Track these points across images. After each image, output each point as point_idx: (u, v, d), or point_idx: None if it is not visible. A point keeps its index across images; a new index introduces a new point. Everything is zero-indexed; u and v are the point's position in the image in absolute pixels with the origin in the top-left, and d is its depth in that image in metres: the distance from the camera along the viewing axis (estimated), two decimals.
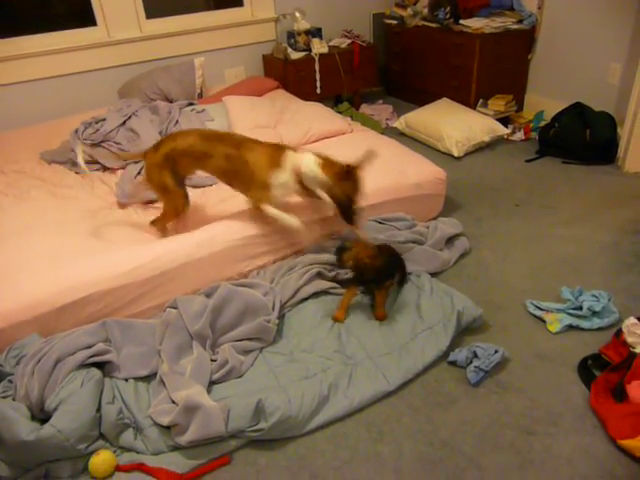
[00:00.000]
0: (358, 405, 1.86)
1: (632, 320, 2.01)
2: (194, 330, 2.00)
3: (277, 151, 2.24)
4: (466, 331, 2.17)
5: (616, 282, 2.42)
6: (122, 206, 2.64)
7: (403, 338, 2.10)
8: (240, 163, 2.23)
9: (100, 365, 1.90)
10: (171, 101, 3.68)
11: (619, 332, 2.03)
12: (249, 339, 2.07)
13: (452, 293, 2.25)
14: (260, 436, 1.74)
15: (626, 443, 1.64)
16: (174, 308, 2.09)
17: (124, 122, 3.11)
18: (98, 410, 1.74)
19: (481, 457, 1.69)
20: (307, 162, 2.19)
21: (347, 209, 2.25)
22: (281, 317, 2.20)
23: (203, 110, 3.34)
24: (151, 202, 2.65)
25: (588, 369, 1.96)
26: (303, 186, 2.25)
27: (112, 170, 2.95)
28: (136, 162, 2.82)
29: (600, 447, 1.69)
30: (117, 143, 3.01)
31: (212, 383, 1.92)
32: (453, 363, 2.03)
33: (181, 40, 4.08)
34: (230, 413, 1.74)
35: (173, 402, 1.78)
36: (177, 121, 3.19)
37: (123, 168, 2.91)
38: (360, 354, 2.04)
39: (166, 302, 2.20)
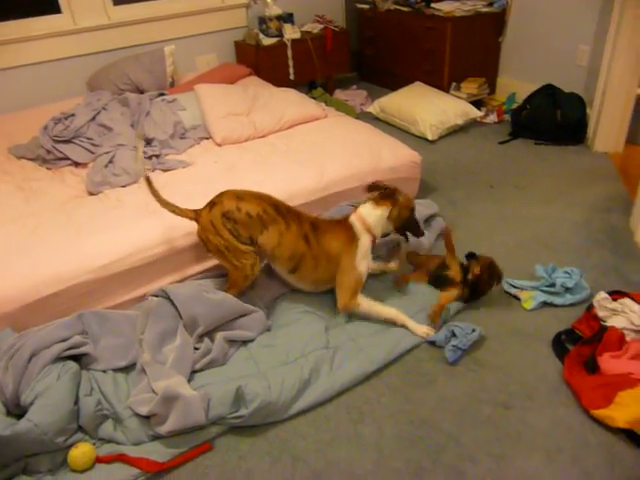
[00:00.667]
0: (340, 388, 1.87)
1: (602, 295, 2.06)
2: (189, 314, 1.98)
3: (345, 223, 2.13)
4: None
5: (588, 259, 2.47)
6: (91, 194, 2.60)
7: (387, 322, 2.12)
8: (318, 246, 2.07)
9: (77, 358, 1.88)
10: (142, 92, 3.62)
11: (590, 307, 2.09)
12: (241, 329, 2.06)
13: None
14: (241, 423, 1.75)
15: (598, 413, 1.69)
16: (156, 296, 2.08)
17: (94, 117, 3.05)
18: (76, 403, 1.72)
19: (460, 433, 1.72)
20: (368, 213, 2.12)
21: (412, 223, 2.20)
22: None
23: (174, 100, 3.29)
24: (124, 186, 2.60)
25: (562, 344, 2.00)
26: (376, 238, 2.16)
27: (83, 165, 2.89)
28: (107, 152, 2.77)
29: (574, 418, 1.74)
30: (89, 139, 2.94)
31: (193, 372, 1.92)
32: (432, 343, 2.05)
33: (150, 27, 4.00)
34: (210, 401, 1.74)
35: (153, 392, 1.77)
36: (148, 112, 3.13)
37: (94, 161, 2.86)
38: (342, 337, 2.06)
39: (144, 294, 2.18)
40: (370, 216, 2.11)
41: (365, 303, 2.10)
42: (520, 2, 4.02)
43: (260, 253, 2.11)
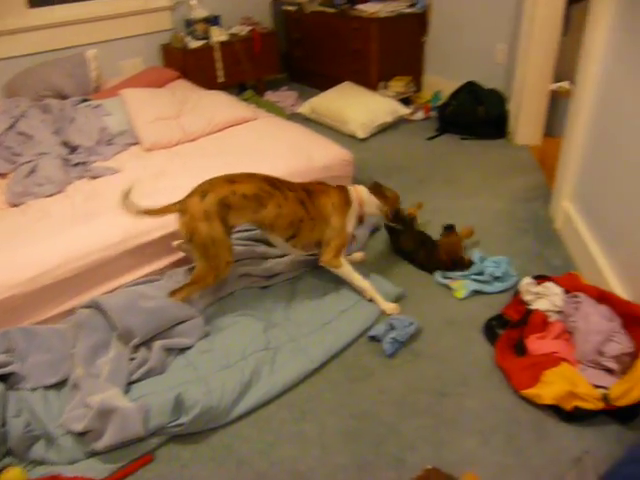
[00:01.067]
0: (282, 388, 1.88)
1: (527, 280, 2.17)
2: (124, 325, 1.92)
3: (342, 189, 2.25)
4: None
5: (513, 246, 2.59)
6: (13, 206, 2.48)
7: (325, 318, 2.15)
8: (314, 208, 2.14)
9: (2, 378, 1.79)
10: (64, 98, 3.48)
11: (517, 292, 2.19)
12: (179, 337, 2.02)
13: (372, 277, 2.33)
14: (182, 431, 1.72)
15: (527, 392, 1.78)
16: (87, 308, 2.01)
17: (12, 125, 2.91)
18: (3, 425, 1.64)
19: (400, 423, 1.77)
20: (363, 191, 2.29)
21: (398, 213, 2.38)
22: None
23: (99, 105, 3.19)
24: (49, 195, 2.50)
25: (492, 329, 2.09)
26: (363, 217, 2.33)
27: (3, 176, 2.75)
28: (28, 162, 2.65)
29: (506, 399, 1.82)
30: (8, 147, 2.81)
31: (130, 382, 1.87)
32: (373, 338, 2.09)
33: (71, 30, 3.85)
34: (149, 411, 1.70)
35: (88, 407, 1.71)
36: (72, 119, 3.03)
37: (14, 171, 2.73)
38: (282, 337, 2.06)
39: (74, 307, 2.11)
40: (365, 194, 2.28)
41: (346, 266, 2.21)
42: (440, 3, 4.16)
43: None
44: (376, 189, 2.32)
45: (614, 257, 2.12)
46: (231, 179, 2.03)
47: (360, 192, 2.28)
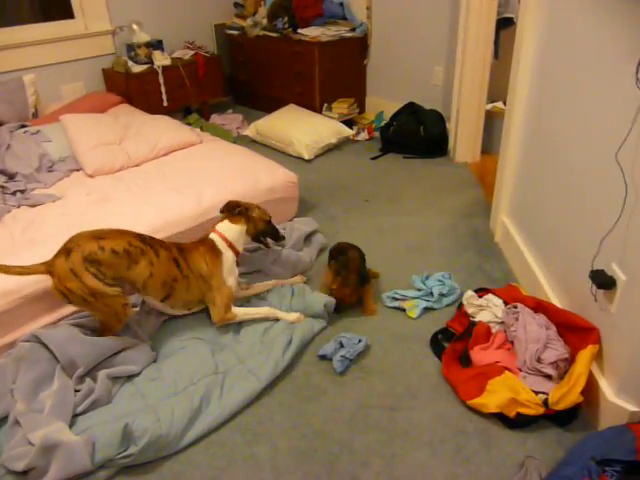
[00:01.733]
0: (231, 411, 1.86)
1: (470, 293, 2.25)
2: (66, 357, 1.87)
3: (207, 241, 2.21)
4: (328, 323, 2.28)
5: (456, 261, 2.68)
6: None
7: (270, 335, 2.15)
8: (187, 267, 2.11)
9: None
10: (1, 124, 3.39)
11: (461, 305, 2.26)
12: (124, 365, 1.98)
13: (314, 293, 2.35)
14: (131, 462, 1.68)
15: (473, 402, 1.84)
16: (28, 342, 1.94)
17: None
18: None
19: (352, 440, 1.79)
20: (226, 229, 2.23)
21: (270, 231, 2.36)
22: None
23: (38, 131, 3.12)
24: None
25: (439, 343, 2.15)
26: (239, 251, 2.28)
27: None
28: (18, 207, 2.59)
29: (453, 410, 1.87)
30: None
31: (76, 415, 1.81)
32: (324, 357, 2.10)
33: (6, 55, 3.76)
34: (96, 444, 1.65)
35: (30, 443, 1.65)
36: (9, 145, 2.94)
37: None
38: (231, 360, 2.05)
39: (14, 340, 2.04)
40: (229, 232, 2.23)
41: (240, 312, 2.20)
42: (379, 28, 4.31)
43: (128, 289, 2.04)
44: (236, 214, 2.26)
45: (548, 268, 2.23)
46: (99, 235, 1.94)
47: (225, 233, 2.22)
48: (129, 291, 2.05)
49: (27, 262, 1.96)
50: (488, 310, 2.15)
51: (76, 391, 1.87)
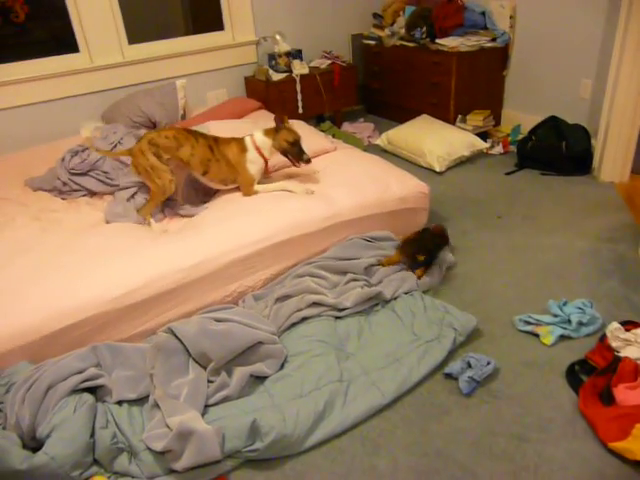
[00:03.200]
0: (354, 421, 1.87)
1: (615, 325, 2.07)
2: (197, 350, 1.99)
3: (240, 140, 2.77)
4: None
5: (597, 288, 2.48)
6: (109, 223, 2.66)
7: (398, 353, 2.12)
8: (219, 153, 2.71)
9: (92, 390, 1.89)
10: (154, 123, 3.71)
11: (603, 337, 2.09)
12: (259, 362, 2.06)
13: (446, 308, 2.30)
14: (257, 456, 1.74)
15: (615, 445, 1.68)
16: (166, 333, 2.09)
17: (111, 150, 3.12)
18: (92, 435, 1.73)
19: (476, 465, 1.71)
20: (257, 137, 2.75)
21: (293, 152, 2.73)
22: None
23: None
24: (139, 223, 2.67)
25: (576, 374, 2.00)
26: (266, 157, 2.78)
27: (99, 195, 2.96)
28: (127, 188, 2.87)
29: (591, 450, 1.73)
30: (104, 172, 3.00)
31: (207, 405, 1.92)
32: (449, 375, 2.04)
33: (163, 64, 4.12)
34: (225, 434, 1.74)
35: (168, 427, 1.77)
36: None
37: (111, 194, 2.92)
38: (356, 370, 2.05)
39: (156, 326, 2.21)
40: (259, 139, 2.74)
41: (260, 188, 2.75)
42: (522, 37, 4.12)
43: (180, 167, 2.73)
44: (269, 129, 2.75)
45: None
46: (159, 130, 2.77)
47: (255, 138, 2.74)
48: (180, 167, 2.74)
49: (172, 252, 2.20)
50: (637, 346, 1.96)
51: (210, 382, 1.97)
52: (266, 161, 2.78)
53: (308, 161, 2.74)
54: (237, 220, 2.50)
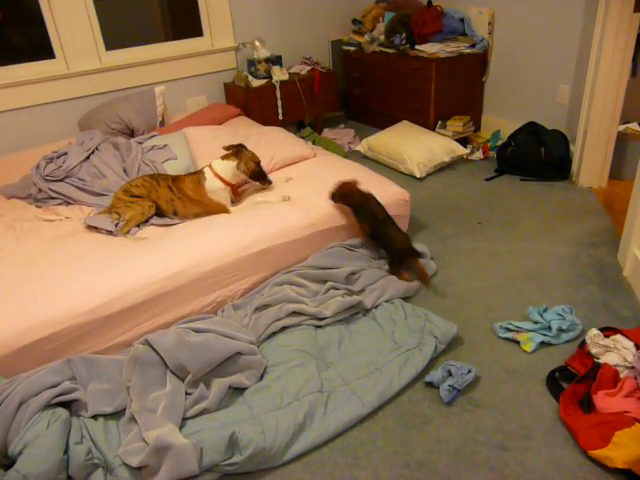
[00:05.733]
0: (334, 432, 1.85)
1: (594, 332, 2.07)
2: (174, 363, 1.94)
3: (196, 173, 2.80)
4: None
5: (577, 294, 2.49)
6: (89, 230, 2.63)
7: (379, 362, 2.10)
8: (178, 191, 2.74)
9: (67, 404, 1.84)
10: (132, 130, 3.65)
11: (583, 344, 2.09)
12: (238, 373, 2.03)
13: (427, 316, 2.29)
14: (235, 470, 1.71)
15: (596, 453, 1.68)
16: (142, 344, 2.05)
17: (87, 157, 3.06)
18: (66, 451, 1.68)
19: (457, 476, 1.70)
20: (216, 165, 2.74)
21: (258, 172, 2.81)
22: None
23: (165, 146, 3.29)
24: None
25: (556, 382, 2.00)
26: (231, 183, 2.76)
27: (75, 202, 2.91)
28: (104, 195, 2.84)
29: (572, 458, 1.72)
30: (81, 179, 2.95)
31: (185, 418, 1.88)
32: (430, 384, 2.03)
33: (141, 70, 4.07)
34: (203, 448, 1.70)
35: (144, 441, 1.73)
36: (140, 165, 3.11)
37: (88, 205, 2.87)
38: (336, 380, 2.03)
39: (134, 338, 2.17)
40: (218, 166, 2.73)
41: (233, 209, 2.73)
42: (501, 44, 4.15)
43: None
44: (233, 152, 2.75)
45: None
46: (130, 181, 2.83)
47: (213, 167, 2.73)
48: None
49: (151, 262, 2.11)
50: (616, 352, 1.97)
51: (188, 394, 1.93)
52: (232, 186, 2.76)
53: (270, 182, 2.89)
54: (215, 230, 2.48)
